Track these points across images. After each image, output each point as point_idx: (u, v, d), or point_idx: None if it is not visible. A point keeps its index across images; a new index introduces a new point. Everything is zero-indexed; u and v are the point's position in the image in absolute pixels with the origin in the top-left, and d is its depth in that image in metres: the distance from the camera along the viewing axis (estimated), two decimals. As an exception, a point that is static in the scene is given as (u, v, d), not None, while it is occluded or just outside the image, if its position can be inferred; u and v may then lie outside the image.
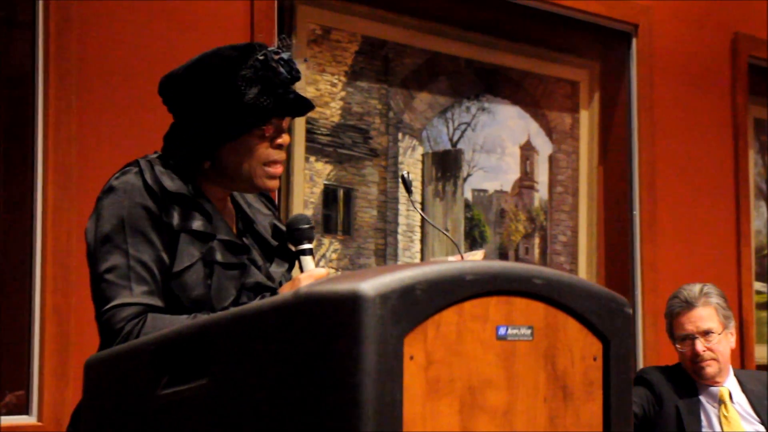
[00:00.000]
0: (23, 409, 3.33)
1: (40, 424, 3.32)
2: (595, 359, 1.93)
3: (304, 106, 2.33)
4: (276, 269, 2.40)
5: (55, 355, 3.34)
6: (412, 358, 1.68)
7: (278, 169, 2.35)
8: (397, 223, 4.34)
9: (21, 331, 3.34)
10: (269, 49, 2.29)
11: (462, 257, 2.33)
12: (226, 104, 2.25)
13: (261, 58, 2.26)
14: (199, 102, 2.28)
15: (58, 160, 3.38)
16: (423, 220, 4.38)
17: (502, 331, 1.81)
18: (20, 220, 3.36)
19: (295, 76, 2.30)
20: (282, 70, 2.27)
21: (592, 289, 1.95)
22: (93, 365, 2.04)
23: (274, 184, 2.36)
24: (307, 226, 2.41)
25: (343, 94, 4.17)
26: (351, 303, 1.65)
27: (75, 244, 3.35)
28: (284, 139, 2.34)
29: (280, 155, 2.34)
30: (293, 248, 2.42)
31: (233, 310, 1.88)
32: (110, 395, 2.00)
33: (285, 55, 2.29)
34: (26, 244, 3.36)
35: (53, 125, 3.38)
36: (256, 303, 1.83)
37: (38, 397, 3.32)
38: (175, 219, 2.22)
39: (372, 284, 1.66)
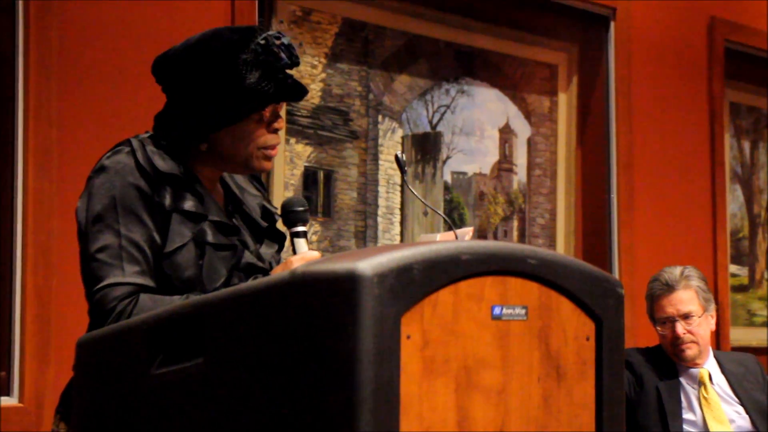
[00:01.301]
0: (4, 390, 3.33)
1: (21, 405, 3.32)
2: (587, 339, 1.95)
3: (301, 91, 2.33)
4: (266, 250, 2.40)
5: (36, 337, 3.33)
6: (408, 337, 1.69)
7: (275, 152, 2.35)
8: (377, 205, 4.34)
9: (2, 313, 3.34)
10: (270, 33, 2.28)
11: (456, 234, 2.35)
12: (226, 88, 2.24)
13: (262, 42, 2.25)
14: (198, 84, 2.26)
15: (39, 143, 3.37)
16: (403, 202, 4.39)
17: (497, 310, 1.82)
18: (1, 203, 3.35)
19: (295, 62, 2.29)
20: (283, 55, 2.26)
21: (585, 269, 1.96)
22: (85, 345, 2.04)
23: (269, 164, 2.36)
24: (301, 208, 2.41)
25: (323, 75, 4.17)
26: (349, 282, 1.65)
27: (55, 226, 3.35)
28: (280, 123, 2.34)
29: (276, 139, 2.34)
30: (287, 230, 2.41)
31: (229, 289, 1.88)
32: (103, 375, 2.00)
33: (285, 40, 2.27)
34: (7, 225, 3.35)
35: (33, 108, 3.37)
36: (252, 283, 1.82)
37: (19, 378, 3.32)
38: (167, 199, 2.21)
39: (369, 264, 1.66)
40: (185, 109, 2.28)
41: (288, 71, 2.29)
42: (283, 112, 3.98)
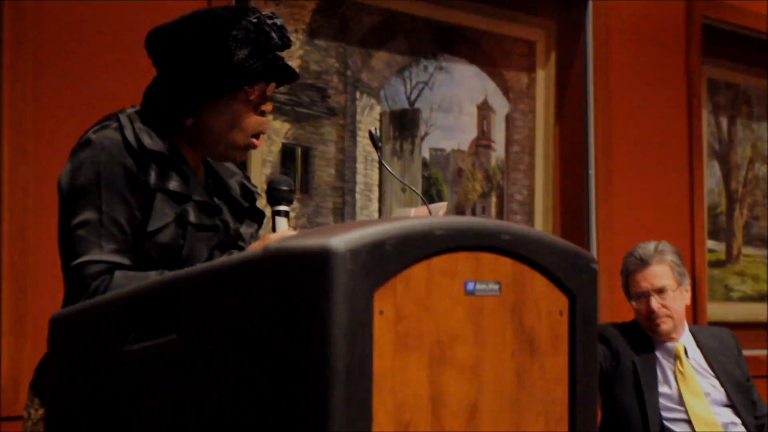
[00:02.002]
0: (-20, 368, 3.34)
1: (-2, 381, 3.33)
2: (561, 314, 1.95)
3: (291, 74, 2.33)
4: (246, 230, 2.40)
5: (13, 313, 3.34)
6: (381, 312, 1.69)
7: (258, 142, 2.34)
8: (355, 182, 4.35)
9: (-22, 290, 3.34)
10: (264, 13, 2.28)
11: (429, 209, 2.35)
12: (213, 62, 2.23)
13: (254, 20, 2.25)
14: (187, 57, 2.25)
15: (14, 119, 3.36)
16: (381, 178, 4.40)
17: (470, 286, 1.82)
18: (-24, 180, 3.35)
19: (286, 43, 2.29)
20: (274, 35, 2.26)
21: (558, 244, 1.96)
22: (58, 321, 2.03)
23: (244, 155, 2.36)
24: (286, 188, 2.41)
25: (300, 52, 4.17)
26: (321, 258, 1.65)
27: (31, 203, 3.35)
28: (268, 106, 2.33)
29: (262, 125, 2.33)
30: (271, 207, 2.41)
31: (202, 265, 1.88)
32: (76, 351, 1.99)
33: (278, 21, 2.28)
34: (-18, 202, 3.35)
35: (9, 84, 3.36)
36: (225, 259, 1.82)
37: (-5, 355, 3.33)
38: (152, 178, 2.21)
39: (342, 239, 1.66)
40: (173, 82, 2.27)
41: (279, 53, 2.29)
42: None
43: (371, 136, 2.38)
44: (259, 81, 2.28)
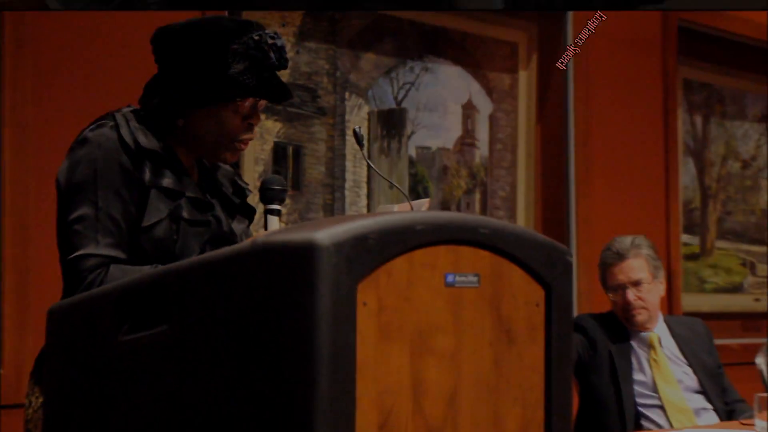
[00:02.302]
0: (-17, 358, 3.35)
1: (0, 371, 3.35)
2: (537, 305, 1.96)
3: (283, 94, 2.36)
4: (237, 226, 2.44)
5: (15, 305, 3.37)
6: (365, 304, 1.72)
7: (244, 146, 2.39)
8: (344, 179, 4.37)
9: (-20, 283, 3.35)
10: (266, 31, 2.32)
11: (411, 205, 2.37)
12: (209, 71, 2.28)
13: (256, 38, 2.28)
14: (185, 62, 2.30)
15: (16, 118, 3.39)
16: (369, 176, 4.42)
17: (450, 278, 1.84)
18: (-21, 177, 3.35)
19: (283, 64, 2.32)
20: (272, 55, 2.29)
21: (535, 238, 1.98)
22: (56, 312, 2.06)
23: (234, 157, 2.40)
24: (279, 187, 2.46)
25: (291, 54, 4.15)
26: (306, 251, 1.68)
27: (32, 198, 3.38)
28: (256, 120, 2.37)
29: (249, 135, 2.37)
30: (264, 206, 2.45)
31: (192, 259, 1.92)
32: (73, 341, 2.02)
33: (279, 42, 2.31)
34: (-16, 198, 3.36)
35: (10, 86, 3.39)
36: (214, 252, 1.84)
37: (-1, 345, 3.34)
38: (147, 175, 2.25)
39: (326, 233, 1.69)
40: (169, 82, 2.32)
41: (276, 72, 2.33)
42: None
43: (355, 134, 2.39)
44: (251, 96, 2.32)
